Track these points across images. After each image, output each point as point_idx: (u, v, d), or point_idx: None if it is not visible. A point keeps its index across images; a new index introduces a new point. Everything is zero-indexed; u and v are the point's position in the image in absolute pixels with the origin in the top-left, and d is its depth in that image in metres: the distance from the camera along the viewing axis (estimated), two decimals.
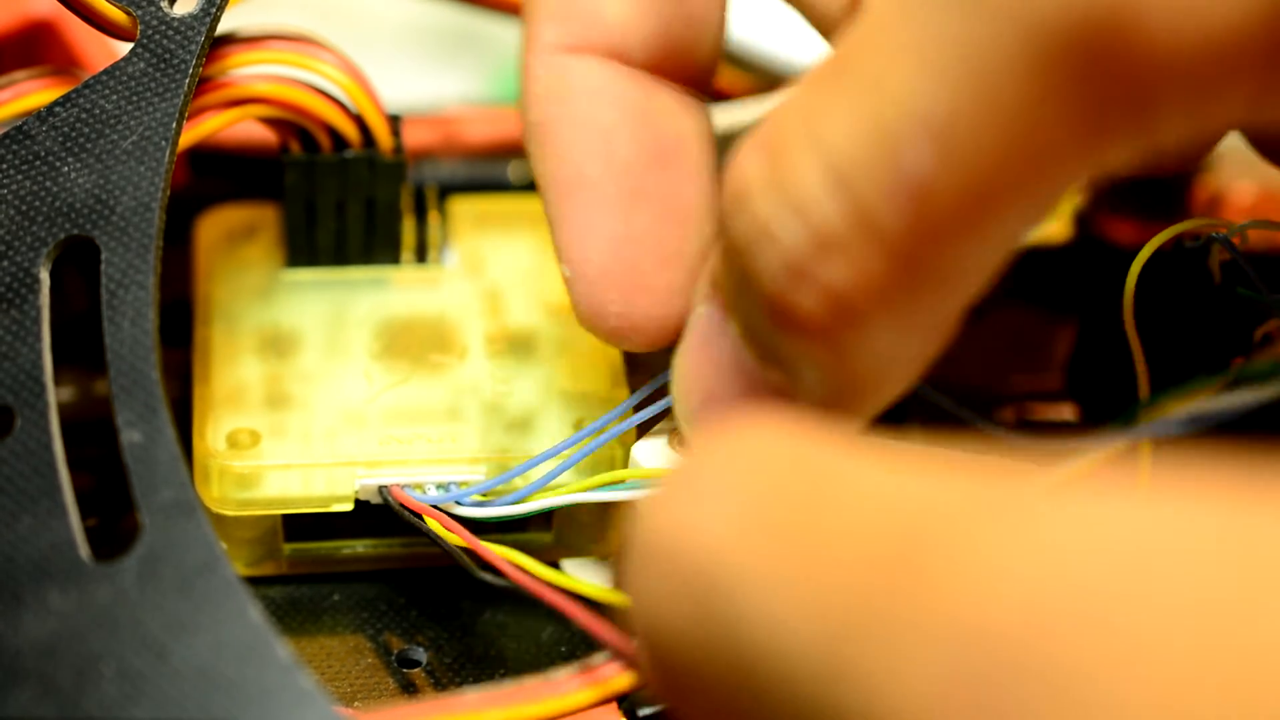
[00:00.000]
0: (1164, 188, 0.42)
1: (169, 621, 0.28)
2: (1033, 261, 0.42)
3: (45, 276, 0.32)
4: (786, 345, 0.28)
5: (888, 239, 0.26)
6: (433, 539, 0.36)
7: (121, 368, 0.31)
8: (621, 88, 0.34)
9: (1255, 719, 0.18)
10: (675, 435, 0.36)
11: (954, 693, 0.20)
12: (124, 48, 0.35)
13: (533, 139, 0.34)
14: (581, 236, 0.34)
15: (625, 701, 0.32)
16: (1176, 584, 0.19)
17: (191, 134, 0.36)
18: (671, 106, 0.35)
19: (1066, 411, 0.40)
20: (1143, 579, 0.20)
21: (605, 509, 0.38)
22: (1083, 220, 0.43)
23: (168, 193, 0.32)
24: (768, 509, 0.23)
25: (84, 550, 0.29)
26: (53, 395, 0.31)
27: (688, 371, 0.31)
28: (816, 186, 0.26)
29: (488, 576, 0.34)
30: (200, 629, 0.28)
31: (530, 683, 0.32)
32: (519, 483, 0.36)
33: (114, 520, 0.37)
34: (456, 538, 0.35)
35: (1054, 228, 0.43)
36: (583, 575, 0.39)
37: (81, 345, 0.35)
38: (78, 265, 0.34)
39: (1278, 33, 0.24)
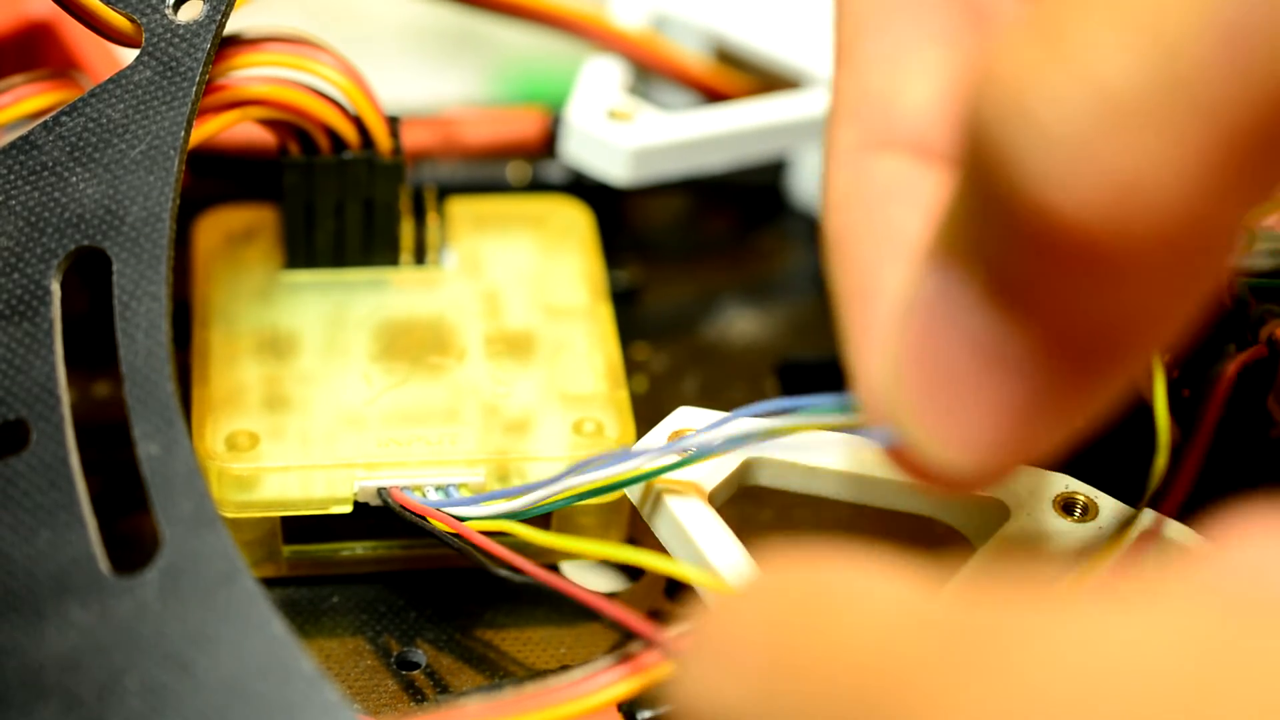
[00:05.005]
0: None
1: (192, 634, 0.28)
2: None
3: (56, 288, 0.32)
4: (1043, 276, 0.24)
5: (1202, 108, 0.21)
6: (440, 538, 0.36)
7: (136, 380, 0.31)
8: (920, 189, 0.29)
9: None
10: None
11: None
12: (125, 53, 0.35)
13: (829, 248, 0.30)
14: (871, 357, 0.29)
15: (625, 705, 0.33)
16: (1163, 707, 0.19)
17: (190, 136, 0.36)
18: None
19: None
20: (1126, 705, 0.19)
21: (604, 511, 0.38)
22: None
23: (178, 202, 0.32)
24: (780, 674, 0.22)
25: (104, 563, 0.29)
26: (67, 408, 0.31)
27: (909, 354, 0.26)
28: (1112, 42, 0.22)
29: (503, 572, 0.34)
30: (224, 641, 0.28)
31: (530, 690, 0.32)
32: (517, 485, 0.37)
33: (118, 524, 0.37)
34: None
35: None
36: (582, 579, 0.39)
37: (82, 348, 0.35)
38: (79, 270, 0.33)
39: None
